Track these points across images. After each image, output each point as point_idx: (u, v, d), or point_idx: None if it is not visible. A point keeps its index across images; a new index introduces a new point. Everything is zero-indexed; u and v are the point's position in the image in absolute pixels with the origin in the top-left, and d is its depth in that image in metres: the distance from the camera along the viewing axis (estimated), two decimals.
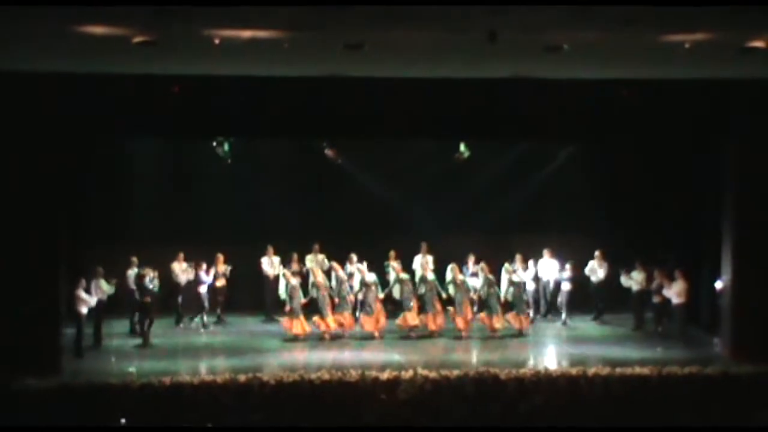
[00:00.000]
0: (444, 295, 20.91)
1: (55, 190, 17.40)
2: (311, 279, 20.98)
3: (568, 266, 22.08)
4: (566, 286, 22.10)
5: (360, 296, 21.00)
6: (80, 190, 20.33)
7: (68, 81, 16.41)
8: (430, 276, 20.93)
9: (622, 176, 22.60)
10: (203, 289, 21.37)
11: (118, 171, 22.11)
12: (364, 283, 20.88)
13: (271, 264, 22.04)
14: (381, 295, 20.80)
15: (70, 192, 18.63)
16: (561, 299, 22.20)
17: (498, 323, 20.69)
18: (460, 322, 20.64)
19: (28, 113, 16.81)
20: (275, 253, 22.10)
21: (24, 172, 16.96)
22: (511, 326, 20.83)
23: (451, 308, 20.85)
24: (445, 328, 20.83)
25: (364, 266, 21.17)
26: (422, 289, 20.79)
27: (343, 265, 21.38)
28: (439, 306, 20.76)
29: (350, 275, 21.33)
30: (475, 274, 21.52)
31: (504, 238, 22.67)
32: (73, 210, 19.18)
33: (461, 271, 21.27)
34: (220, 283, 21.67)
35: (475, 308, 21.20)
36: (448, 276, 20.92)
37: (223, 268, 21.64)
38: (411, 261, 21.96)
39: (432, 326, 20.69)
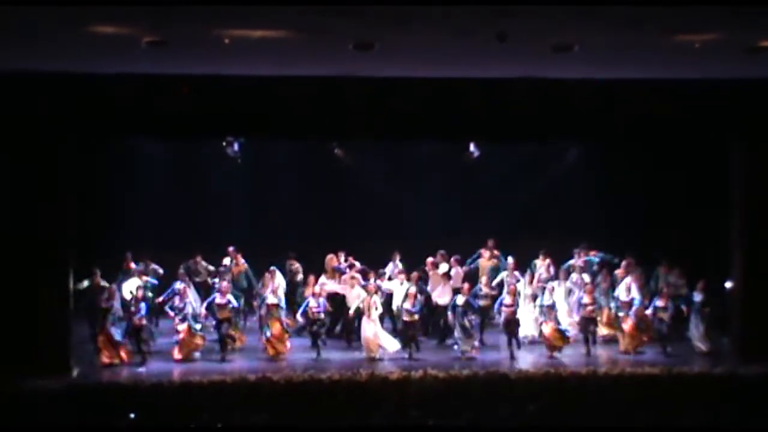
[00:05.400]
0: None
1: (63, 189, 17.47)
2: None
3: (483, 281, 20.27)
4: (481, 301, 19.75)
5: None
6: (89, 189, 20.30)
7: (77, 81, 16.45)
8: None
9: (630, 177, 22.54)
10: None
11: (126, 172, 22.14)
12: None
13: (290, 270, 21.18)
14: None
15: (79, 192, 18.59)
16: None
17: None
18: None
19: (33, 113, 16.82)
20: (297, 260, 21.15)
21: (30, 171, 17.08)
22: None
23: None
24: None
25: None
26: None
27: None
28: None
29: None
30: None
31: (512, 238, 22.61)
32: (84, 211, 19.15)
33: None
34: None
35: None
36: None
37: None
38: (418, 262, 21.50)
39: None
